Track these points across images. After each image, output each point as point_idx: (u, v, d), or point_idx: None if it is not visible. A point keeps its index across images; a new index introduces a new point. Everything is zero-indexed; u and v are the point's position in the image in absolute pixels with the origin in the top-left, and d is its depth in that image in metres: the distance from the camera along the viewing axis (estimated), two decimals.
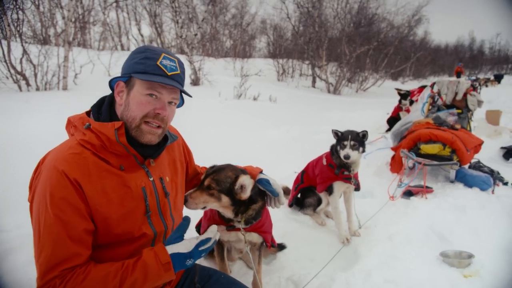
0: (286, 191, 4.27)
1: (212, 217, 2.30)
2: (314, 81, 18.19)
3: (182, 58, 11.66)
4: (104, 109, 1.57)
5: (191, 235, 2.84)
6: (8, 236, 2.81)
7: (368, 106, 12.70)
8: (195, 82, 11.71)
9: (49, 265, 1.35)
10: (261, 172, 2.17)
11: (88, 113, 1.61)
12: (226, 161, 2.40)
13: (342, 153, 3.31)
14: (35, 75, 7.82)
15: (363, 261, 2.91)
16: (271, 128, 7.95)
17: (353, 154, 3.30)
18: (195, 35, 13.09)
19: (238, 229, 2.20)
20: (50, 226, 1.36)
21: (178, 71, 1.55)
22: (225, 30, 23.25)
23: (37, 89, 7.86)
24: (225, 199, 2.00)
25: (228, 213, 2.10)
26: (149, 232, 1.61)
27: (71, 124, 1.58)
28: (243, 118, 8.45)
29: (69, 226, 1.38)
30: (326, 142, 5.16)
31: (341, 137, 3.40)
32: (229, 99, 10.08)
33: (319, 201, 3.74)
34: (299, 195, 3.95)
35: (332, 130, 3.49)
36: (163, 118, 1.56)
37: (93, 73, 10.17)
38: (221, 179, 1.99)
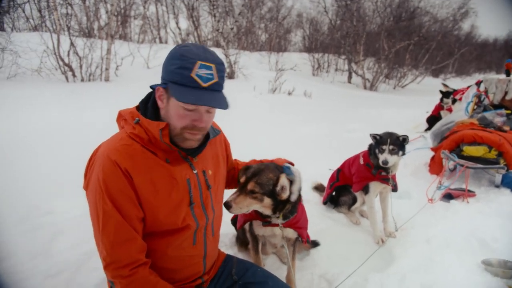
0: (320, 188, 4.28)
1: (249, 212, 2.32)
2: (350, 77, 17.71)
3: (218, 51, 11.79)
4: (150, 105, 1.63)
5: (226, 229, 2.91)
6: (57, 219, 3.01)
7: (406, 103, 12.22)
8: (231, 75, 11.81)
9: (114, 244, 1.47)
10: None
11: (137, 107, 1.68)
12: (259, 155, 2.44)
13: (381, 158, 3.23)
14: (81, 66, 8.22)
15: (398, 263, 2.85)
16: (305, 124, 7.89)
17: (392, 159, 3.22)
18: (232, 28, 13.17)
19: (274, 225, 2.23)
20: (108, 212, 1.47)
21: (215, 79, 1.49)
22: (260, 23, 23.17)
23: (82, 80, 8.27)
24: (267, 201, 2.05)
25: (267, 212, 2.14)
26: (192, 223, 1.68)
27: (121, 117, 1.67)
28: (278, 112, 8.43)
29: (124, 212, 1.49)
30: (361, 140, 5.04)
31: (379, 140, 3.30)
32: (264, 93, 10.07)
33: (354, 200, 3.69)
34: (333, 193, 3.92)
35: (370, 134, 3.39)
36: (201, 127, 1.58)
37: (133, 65, 10.48)
38: (264, 182, 2.02)
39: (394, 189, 3.42)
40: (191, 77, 1.44)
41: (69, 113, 5.59)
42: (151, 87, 1.67)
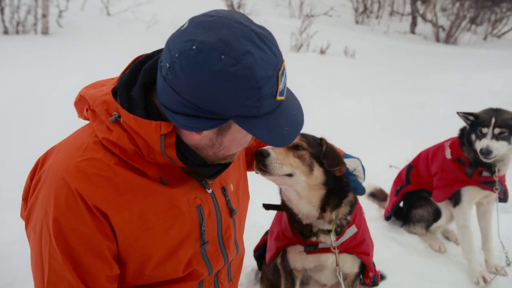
0: (379, 195, 4.26)
1: (282, 233, 2.32)
2: (414, 24, 17.46)
3: None
4: (136, 93, 1.47)
5: (245, 261, 2.91)
6: None
7: (507, 62, 11.88)
8: None
9: None
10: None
11: (114, 90, 1.52)
12: None
13: (478, 146, 3.16)
14: (1, 11, 8.15)
15: None
16: (348, 96, 7.88)
17: (498, 148, 3.11)
18: None
19: (324, 250, 2.20)
20: (58, 272, 1.40)
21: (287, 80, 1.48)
22: None
23: (5, 32, 8.24)
24: (318, 171, 2.08)
25: (313, 204, 2.12)
26: (201, 269, 1.65)
27: (85, 102, 1.54)
28: (306, 80, 8.35)
29: (85, 272, 1.42)
30: (436, 121, 4.91)
31: (476, 121, 3.22)
32: (284, 52, 9.83)
33: (436, 215, 3.65)
34: (401, 203, 3.87)
35: (459, 113, 3.32)
36: None
37: (85, 10, 10.46)
38: (310, 139, 2.14)
39: (503, 198, 3.35)
40: (277, 101, 1.38)
41: None
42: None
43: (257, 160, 1.93)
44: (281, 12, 15.53)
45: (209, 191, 1.64)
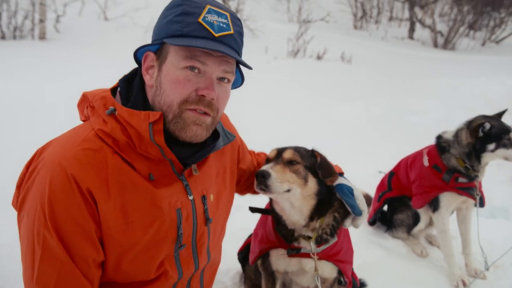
0: (366, 200, 4.26)
1: (266, 237, 2.41)
2: (412, 29, 17.38)
3: None
4: (135, 88, 1.61)
5: (227, 264, 2.96)
6: None
7: (504, 69, 11.76)
8: None
9: None
10: (341, 174, 2.30)
11: (115, 89, 1.66)
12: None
13: None
14: None
15: None
16: (343, 102, 7.93)
17: None
18: None
19: (304, 255, 2.29)
20: (51, 251, 1.46)
21: (231, 31, 1.56)
22: None
23: (3, 37, 8.31)
24: (311, 182, 2.19)
25: (303, 213, 2.22)
26: (172, 272, 1.71)
27: (87, 101, 1.64)
28: (302, 86, 8.41)
29: (75, 252, 1.48)
30: (428, 127, 4.98)
31: (493, 130, 3.17)
32: (280, 58, 10.07)
33: (415, 219, 3.70)
34: (385, 208, 3.94)
35: (478, 125, 3.19)
36: (211, 102, 1.58)
37: (83, 15, 10.52)
38: (303, 152, 2.25)
39: (480, 203, 3.38)
40: (198, 23, 1.51)
41: None
42: (136, 52, 1.67)
43: (259, 181, 2.02)
44: (279, 17, 15.49)
45: (190, 197, 1.70)
